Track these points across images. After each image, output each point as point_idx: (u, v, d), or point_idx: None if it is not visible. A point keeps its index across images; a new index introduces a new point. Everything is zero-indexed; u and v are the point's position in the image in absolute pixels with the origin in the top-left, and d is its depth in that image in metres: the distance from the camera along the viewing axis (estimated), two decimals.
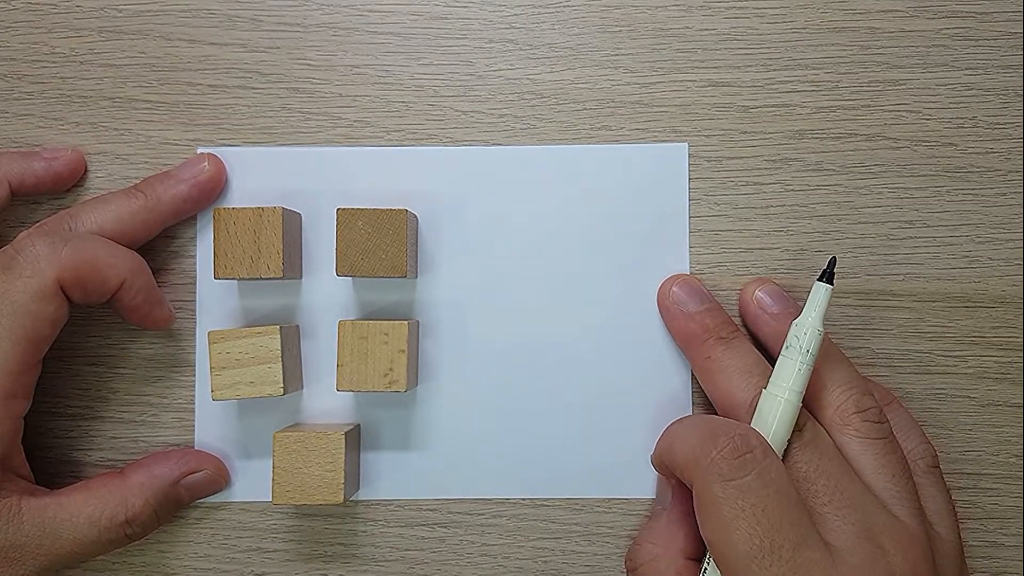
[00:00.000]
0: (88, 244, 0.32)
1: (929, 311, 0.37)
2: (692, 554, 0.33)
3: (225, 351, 0.34)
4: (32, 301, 0.31)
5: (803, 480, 0.31)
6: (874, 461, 0.31)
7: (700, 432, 0.31)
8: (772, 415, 0.31)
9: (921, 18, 0.37)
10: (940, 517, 0.33)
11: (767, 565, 0.28)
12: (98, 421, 0.37)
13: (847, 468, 0.31)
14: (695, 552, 0.33)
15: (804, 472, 0.31)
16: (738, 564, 0.28)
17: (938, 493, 0.33)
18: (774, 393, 0.31)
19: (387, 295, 0.37)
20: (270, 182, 0.37)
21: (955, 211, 0.37)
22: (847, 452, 0.32)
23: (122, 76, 0.37)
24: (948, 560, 0.32)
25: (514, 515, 0.37)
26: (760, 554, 0.28)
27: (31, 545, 0.32)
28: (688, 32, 0.37)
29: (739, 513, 0.29)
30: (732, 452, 0.30)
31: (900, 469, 0.32)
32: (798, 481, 0.31)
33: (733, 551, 0.29)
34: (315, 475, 0.34)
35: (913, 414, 0.36)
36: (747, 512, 0.29)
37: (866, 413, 0.32)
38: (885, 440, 0.32)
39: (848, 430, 0.32)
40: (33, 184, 0.36)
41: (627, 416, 0.37)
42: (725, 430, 0.30)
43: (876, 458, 0.31)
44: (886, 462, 0.31)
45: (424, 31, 0.37)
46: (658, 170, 0.37)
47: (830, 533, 0.29)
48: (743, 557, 0.28)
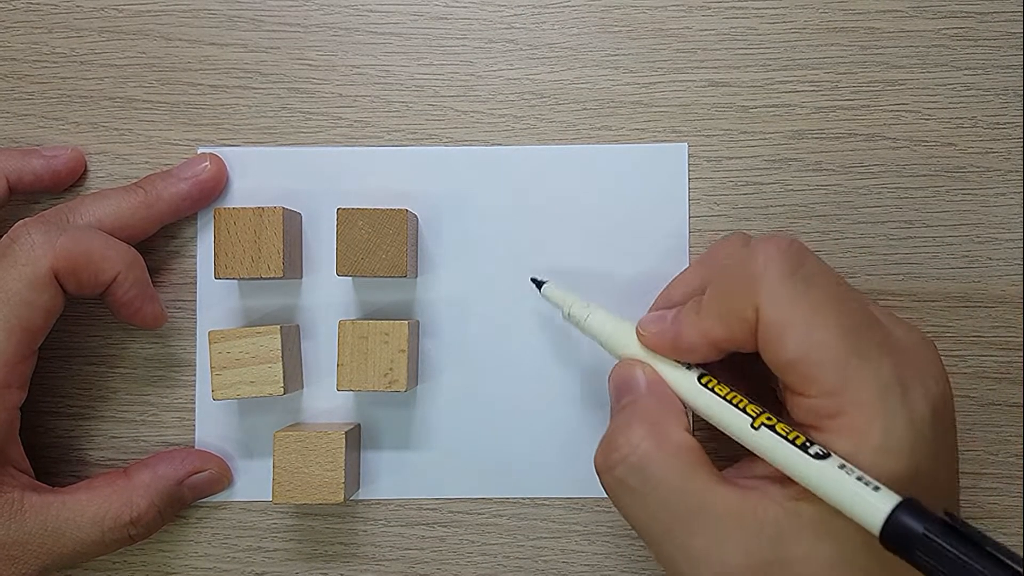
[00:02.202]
0: (84, 235, 0.32)
1: (929, 311, 0.37)
2: (687, 429, 0.29)
3: (225, 351, 0.34)
4: (27, 289, 0.31)
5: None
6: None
7: (732, 264, 0.28)
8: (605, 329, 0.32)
9: (921, 18, 0.37)
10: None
11: (864, 352, 0.25)
12: (99, 420, 0.37)
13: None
14: (689, 428, 0.29)
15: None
16: (835, 367, 0.25)
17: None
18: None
19: (387, 295, 0.37)
20: (270, 182, 0.37)
21: (954, 211, 0.37)
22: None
23: (123, 76, 0.37)
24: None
25: (514, 515, 0.37)
26: (852, 340, 0.25)
27: (33, 543, 0.32)
28: (688, 32, 0.37)
29: (818, 303, 0.26)
30: (779, 250, 0.27)
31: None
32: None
33: (827, 353, 0.25)
34: (315, 475, 0.34)
35: None
36: (823, 301, 0.26)
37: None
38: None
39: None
40: (31, 181, 0.36)
41: None
42: (755, 242, 0.28)
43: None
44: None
45: (424, 31, 0.37)
46: (658, 170, 0.37)
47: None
48: (839, 354, 0.25)
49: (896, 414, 0.25)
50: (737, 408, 0.28)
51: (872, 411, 0.25)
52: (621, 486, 0.28)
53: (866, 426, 0.25)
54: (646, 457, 0.28)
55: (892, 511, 0.23)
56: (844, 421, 0.26)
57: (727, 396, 0.28)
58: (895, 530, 0.23)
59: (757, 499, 0.27)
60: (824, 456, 0.25)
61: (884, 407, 0.25)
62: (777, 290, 0.26)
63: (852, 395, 0.25)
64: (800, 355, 0.26)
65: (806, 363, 0.26)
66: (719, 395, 0.28)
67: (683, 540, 0.27)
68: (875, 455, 0.25)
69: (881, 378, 0.25)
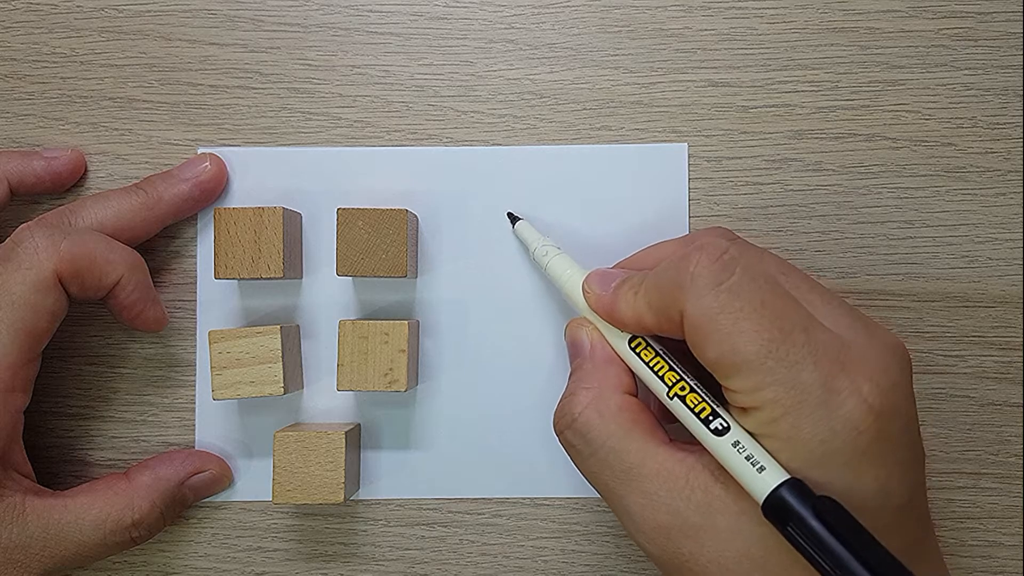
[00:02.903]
0: (87, 238, 0.32)
1: (929, 311, 0.37)
2: (628, 389, 0.30)
3: (226, 351, 0.34)
4: (31, 293, 0.31)
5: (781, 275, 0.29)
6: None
7: (669, 262, 0.29)
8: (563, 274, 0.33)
9: (921, 18, 0.37)
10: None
11: (784, 354, 0.26)
12: (99, 421, 0.37)
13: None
14: (631, 388, 0.31)
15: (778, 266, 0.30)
16: (754, 369, 0.26)
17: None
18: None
19: (387, 295, 0.37)
20: (270, 182, 0.37)
21: (954, 211, 0.37)
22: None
23: (123, 76, 0.38)
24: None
25: (514, 515, 0.37)
26: (773, 346, 0.26)
27: (35, 546, 0.32)
28: (688, 32, 0.37)
29: (739, 315, 0.26)
30: (709, 259, 0.28)
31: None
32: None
33: (744, 357, 0.26)
34: (315, 474, 0.34)
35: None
36: (746, 311, 0.27)
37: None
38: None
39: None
40: (32, 183, 0.36)
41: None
42: (693, 247, 0.28)
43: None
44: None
45: (424, 31, 0.37)
46: (658, 170, 0.37)
47: (823, 319, 0.28)
48: (757, 357, 0.26)
49: (809, 414, 0.26)
50: (657, 376, 0.29)
51: (783, 410, 0.26)
52: (571, 448, 0.30)
53: (773, 423, 0.26)
54: (588, 423, 0.30)
55: (774, 489, 0.25)
56: (756, 417, 0.26)
57: (650, 363, 0.30)
58: (774, 504, 0.25)
59: (692, 463, 0.28)
60: (723, 431, 0.27)
61: (796, 407, 0.26)
62: (701, 301, 0.27)
63: (766, 394, 0.26)
64: (717, 358, 0.27)
65: (723, 364, 0.27)
66: (643, 360, 0.30)
67: (621, 497, 0.29)
68: (781, 444, 0.26)
69: (798, 379, 0.26)
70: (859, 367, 0.26)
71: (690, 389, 0.28)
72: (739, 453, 0.26)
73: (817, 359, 0.26)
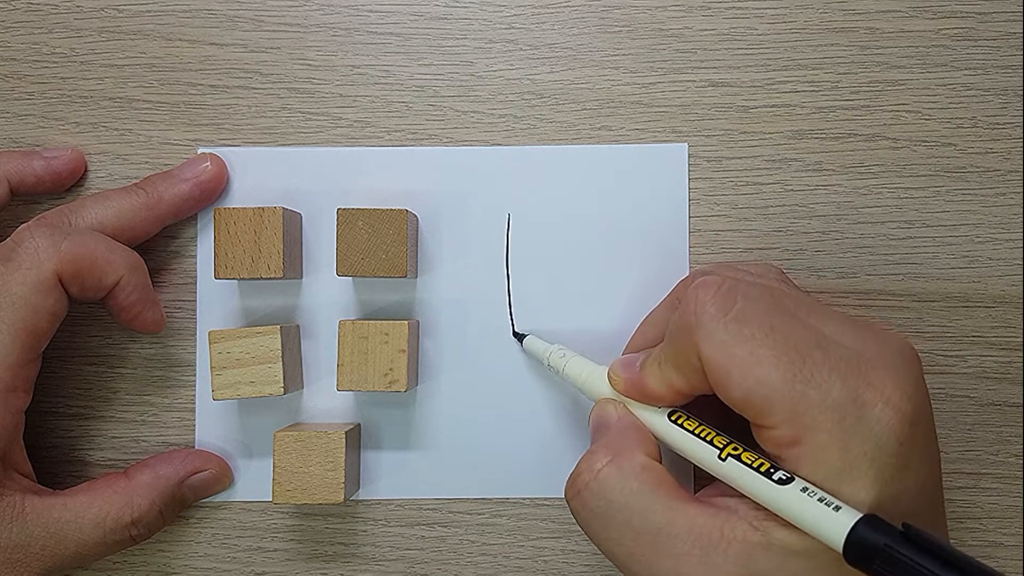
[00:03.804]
0: (88, 239, 0.32)
1: (929, 311, 0.37)
2: (651, 453, 0.29)
3: (225, 351, 0.34)
4: (31, 293, 0.31)
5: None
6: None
7: (675, 315, 0.29)
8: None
9: (921, 18, 0.37)
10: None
11: (809, 375, 0.26)
12: (99, 421, 0.37)
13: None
14: (654, 453, 0.29)
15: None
16: (785, 397, 0.25)
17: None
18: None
19: (387, 295, 0.37)
20: (270, 182, 0.37)
21: (954, 211, 0.37)
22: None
23: (123, 76, 0.37)
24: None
25: (514, 515, 0.37)
26: (795, 368, 0.26)
27: (35, 546, 0.32)
28: (688, 32, 0.37)
29: (752, 343, 0.26)
30: (708, 293, 0.28)
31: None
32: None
33: (772, 387, 0.26)
34: (315, 475, 0.34)
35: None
36: (759, 337, 0.26)
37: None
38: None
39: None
40: (33, 183, 0.36)
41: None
42: (689, 289, 0.28)
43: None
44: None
45: (424, 31, 0.37)
46: (658, 170, 0.37)
47: (830, 334, 0.28)
48: (784, 384, 0.25)
49: (853, 432, 0.25)
50: (705, 441, 0.28)
51: (827, 434, 0.25)
52: (586, 511, 0.29)
53: (823, 450, 0.25)
54: (607, 481, 0.28)
55: (852, 528, 0.24)
56: (803, 449, 0.26)
57: (695, 430, 0.29)
58: (856, 546, 0.24)
59: (725, 517, 0.27)
60: (788, 481, 0.26)
61: (839, 428, 0.25)
62: (713, 336, 0.27)
63: (805, 420, 0.25)
64: (746, 393, 0.26)
65: (754, 399, 0.26)
66: (688, 430, 0.29)
67: (649, 563, 0.27)
68: (837, 476, 0.25)
69: (832, 399, 0.25)
70: (880, 376, 0.26)
71: (743, 448, 0.28)
72: (810, 497, 0.25)
73: (842, 374, 0.26)
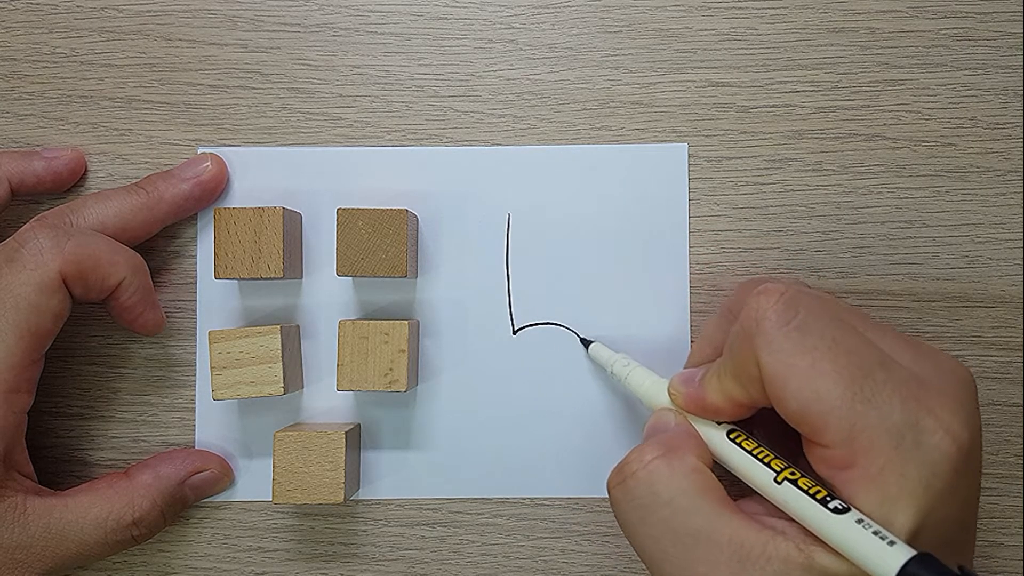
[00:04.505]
0: (91, 240, 0.33)
1: (929, 311, 0.37)
2: (705, 460, 0.29)
3: (225, 351, 0.34)
4: (35, 294, 0.31)
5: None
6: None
7: (737, 325, 0.28)
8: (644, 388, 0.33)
9: (921, 18, 0.37)
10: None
11: (870, 395, 0.25)
12: (99, 421, 0.37)
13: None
14: (707, 460, 0.29)
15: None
16: (843, 415, 0.25)
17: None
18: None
19: (387, 295, 0.37)
20: (270, 182, 0.37)
21: (954, 211, 0.37)
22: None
23: (123, 76, 0.38)
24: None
25: (514, 515, 0.37)
26: (856, 386, 0.25)
27: (37, 546, 0.32)
28: (688, 32, 0.37)
29: (814, 354, 0.26)
30: (770, 301, 0.27)
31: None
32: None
33: (831, 403, 0.25)
34: (315, 474, 0.34)
35: None
36: (821, 349, 0.26)
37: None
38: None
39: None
40: (33, 183, 0.36)
41: (627, 415, 0.37)
42: (752, 295, 0.28)
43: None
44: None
45: (424, 31, 0.37)
46: (658, 170, 0.37)
47: (890, 354, 0.27)
48: (843, 401, 0.25)
49: (909, 459, 0.25)
50: (762, 463, 0.28)
51: (884, 459, 0.25)
52: (628, 501, 0.28)
53: (879, 475, 0.25)
54: (656, 472, 0.27)
55: (904, 566, 0.23)
56: (858, 472, 0.25)
57: (753, 451, 0.29)
58: None
59: (771, 535, 0.26)
60: (843, 511, 0.25)
61: (897, 453, 0.25)
62: (773, 344, 0.26)
63: (862, 442, 0.25)
64: (803, 406, 0.26)
65: (811, 414, 0.25)
66: (746, 450, 0.29)
67: (682, 564, 0.27)
68: (891, 504, 0.25)
69: (891, 422, 0.25)
70: (939, 402, 0.25)
71: (800, 473, 0.27)
72: (865, 529, 0.24)
73: (903, 397, 0.25)
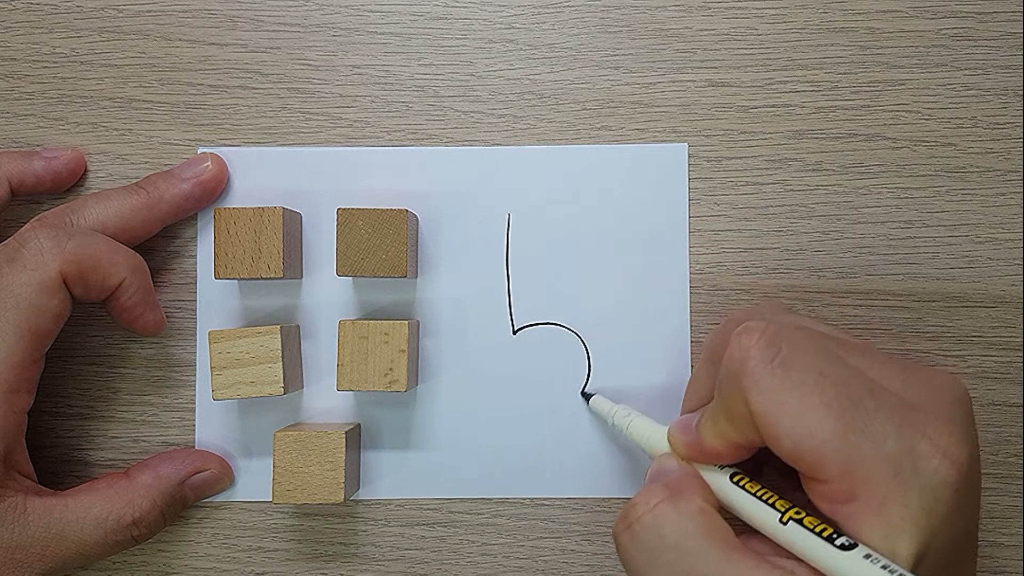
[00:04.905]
0: (92, 240, 0.33)
1: (929, 311, 0.37)
2: (711, 501, 0.28)
3: (225, 351, 0.34)
4: (36, 294, 0.31)
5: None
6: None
7: (708, 365, 0.29)
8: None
9: (921, 18, 0.37)
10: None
11: (862, 426, 0.25)
12: (99, 421, 0.37)
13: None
14: (713, 502, 0.29)
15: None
16: (837, 449, 0.24)
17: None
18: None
19: (387, 295, 0.37)
20: (270, 182, 0.37)
21: (954, 211, 0.37)
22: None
23: (123, 76, 0.38)
24: None
25: (514, 515, 0.37)
26: (847, 418, 0.25)
27: (36, 546, 0.32)
28: (688, 32, 0.37)
29: (802, 390, 0.25)
30: (752, 339, 0.27)
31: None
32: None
33: (823, 437, 0.25)
34: (315, 474, 0.34)
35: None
36: (808, 384, 0.25)
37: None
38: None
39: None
40: (33, 183, 0.36)
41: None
42: (733, 335, 0.27)
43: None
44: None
45: (424, 31, 0.37)
46: (658, 170, 0.37)
47: (879, 379, 0.27)
48: (835, 435, 0.24)
49: (909, 486, 0.24)
50: (767, 504, 0.28)
51: (885, 489, 0.24)
52: (635, 545, 0.27)
53: (882, 505, 0.24)
54: (662, 516, 0.27)
55: None
56: (860, 505, 0.25)
57: (757, 493, 0.28)
58: None
59: (780, 574, 0.25)
60: (850, 547, 0.25)
61: (896, 482, 0.24)
62: (759, 383, 0.26)
63: (861, 474, 0.25)
64: (796, 444, 0.25)
65: (805, 450, 0.25)
66: (749, 492, 0.28)
67: None
68: (897, 533, 0.24)
69: (886, 450, 0.25)
70: (934, 425, 0.25)
71: (805, 512, 0.27)
72: (874, 564, 0.24)
73: (896, 425, 0.25)
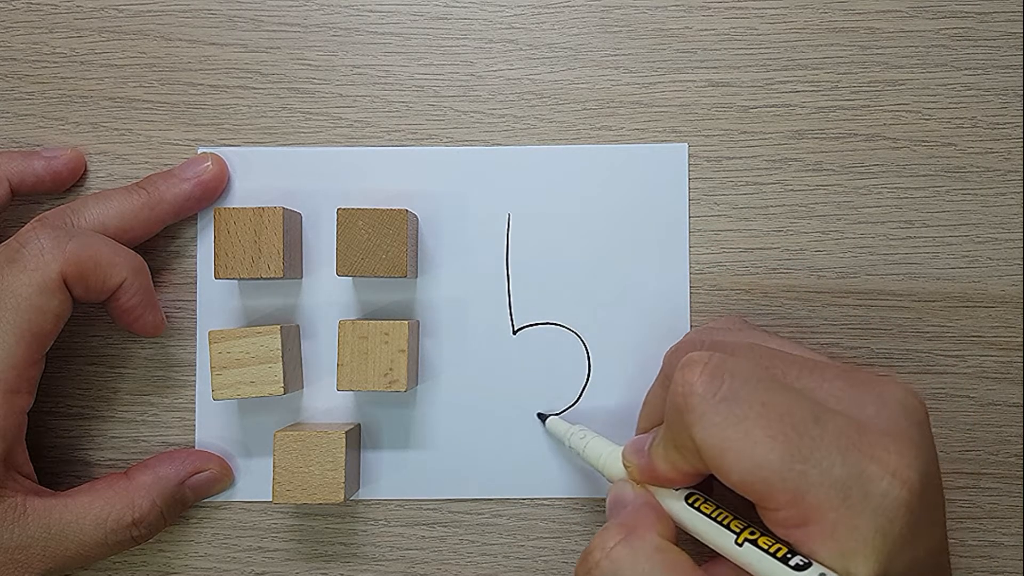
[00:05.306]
0: (92, 240, 0.33)
1: (929, 311, 0.37)
2: (668, 535, 0.28)
3: (226, 351, 0.34)
4: (36, 295, 0.31)
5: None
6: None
7: (668, 397, 0.28)
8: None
9: (921, 18, 0.37)
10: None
11: (808, 454, 0.24)
12: (99, 421, 0.37)
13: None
14: (670, 535, 0.28)
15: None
16: (785, 479, 0.24)
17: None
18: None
19: (387, 295, 0.37)
20: (270, 182, 0.37)
21: (954, 211, 0.37)
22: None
23: (123, 76, 0.38)
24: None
25: (514, 515, 0.37)
26: (793, 448, 0.25)
27: (36, 547, 0.32)
28: (688, 32, 0.37)
29: (746, 424, 0.25)
30: (694, 374, 0.26)
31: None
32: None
33: (771, 468, 0.25)
34: (315, 474, 0.34)
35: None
36: (751, 417, 0.25)
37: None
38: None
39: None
40: (33, 183, 0.36)
41: (626, 415, 0.37)
42: (676, 370, 0.27)
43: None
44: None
45: (424, 31, 0.37)
46: (658, 170, 0.37)
47: (826, 399, 0.27)
48: (783, 465, 0.25)
49: (859, 510, 0.24)
50: (722, 525, 0.28)
51: (835, 515, 0.24)
52: None
53: (833, 530, 0.25)
54: (619, 559, 0.27)
55: None
56: (812, 529, 0.25)
57: (712, 514, 0.28)
58: None
59: None
60: (805, 566, 0.25)
61: (845, 507, 0.24)
62: (704, 419, 0.26)
63: (810, 502, 0.25)
64: (743, 477, 0.25)
65: (753, 482, 0.25)
66: (704, 513, 0.28)
67: None
68: (851, 555, 0.24)
69: (833, 477, 0.24)
70: (882, 444, 0.25)
71: (760, 533, 0.27)
72: None
73: (842, 449, 0.25)
